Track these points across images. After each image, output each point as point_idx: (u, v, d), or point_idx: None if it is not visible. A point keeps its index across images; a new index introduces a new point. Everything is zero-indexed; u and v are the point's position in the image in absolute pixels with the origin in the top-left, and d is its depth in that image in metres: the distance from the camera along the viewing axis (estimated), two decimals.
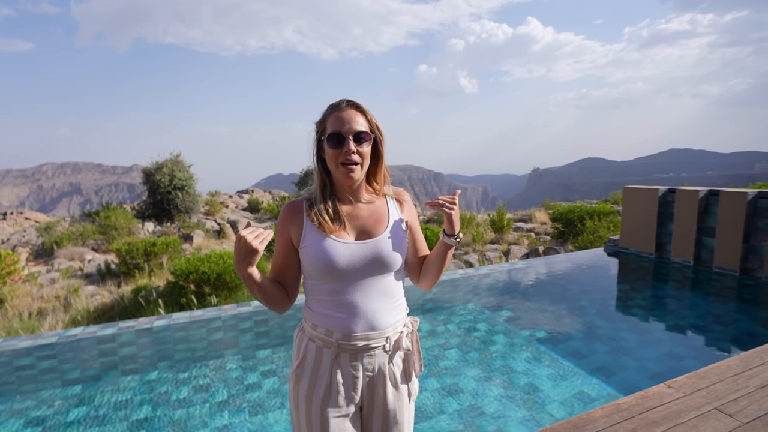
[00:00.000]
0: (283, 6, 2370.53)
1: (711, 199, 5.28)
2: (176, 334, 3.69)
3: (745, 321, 4.29)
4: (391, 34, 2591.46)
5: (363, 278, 1.21)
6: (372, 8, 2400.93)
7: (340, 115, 1.20)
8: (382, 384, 1.24)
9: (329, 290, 1.21)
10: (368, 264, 1.20)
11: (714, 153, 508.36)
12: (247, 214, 17.38)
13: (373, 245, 1.22)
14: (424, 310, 4.51)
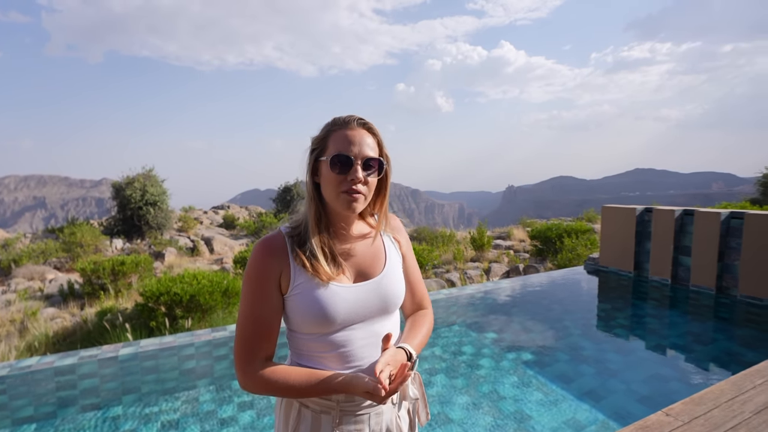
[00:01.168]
0: (264, 23, 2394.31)
1: (686, 219, 5.42)
2: (145, 364, 3.43)
3: (723, 340, 4.35)
4: (370, 53, 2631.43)
5: (364, 325, 1.04)
6: (352, 27, 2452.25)
7: (349, 135, 1.00)
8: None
9: (325, 344, 1.01)
10: (370, 308, 1.05)
11: (675, 173, 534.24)
12: (222, 231, 16.90)
13: (374, 286, 1.07)
14: None
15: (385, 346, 0.99)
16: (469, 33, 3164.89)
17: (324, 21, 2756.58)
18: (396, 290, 1.11)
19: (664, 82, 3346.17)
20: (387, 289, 1.08)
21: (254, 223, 16.06)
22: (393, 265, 1.13)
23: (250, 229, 15.70)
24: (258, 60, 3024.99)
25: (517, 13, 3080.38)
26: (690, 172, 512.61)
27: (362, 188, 1.01)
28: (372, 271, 1.09)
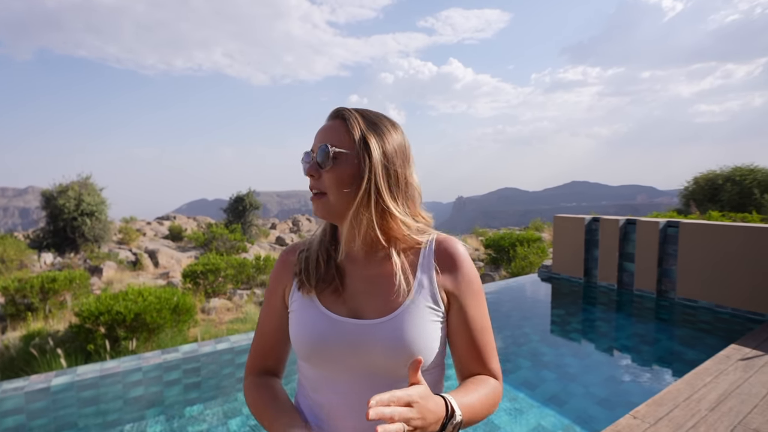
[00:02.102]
0: (213, 29, 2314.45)
1: (629, 227, 5.81)
2: (82, 394, 3.06)
3: (665, 340, 4.67)
4: (324, 64, 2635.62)
5: (357, 377, 0.80)
6: (305, 38, 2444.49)
7: (320, 129, 0.85)
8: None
9: (317, 379, 0.84)
10: (364, 357, 0.78)
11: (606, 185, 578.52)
12: (168, 243, 15.90)
13: (366, 332, 0.79)
14: None
15: (413, 380, 0.67)
16: (420, 49, 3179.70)
17: (276, 30, 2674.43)
18: (400, 347, 0.77)
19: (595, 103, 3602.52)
20: (384, 343, 0.77)
21: (203, 235, 15.25)
22: (415, 308, 0.80)
23: (199, 241, 14.88)
24: (207, 66, 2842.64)
25: (464, 32, 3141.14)
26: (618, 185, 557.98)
27: (318, 185, 0.82)
28: (366, 310, 0.82)
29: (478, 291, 0.87)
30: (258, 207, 18.53)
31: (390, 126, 0.84)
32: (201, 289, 7.76)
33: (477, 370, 0.85)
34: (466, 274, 0.85)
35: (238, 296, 7.96)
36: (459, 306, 0.84)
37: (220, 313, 7.16)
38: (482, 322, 0.86)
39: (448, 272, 0.84)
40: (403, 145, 0.85)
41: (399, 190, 0.82)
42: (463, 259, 0.85)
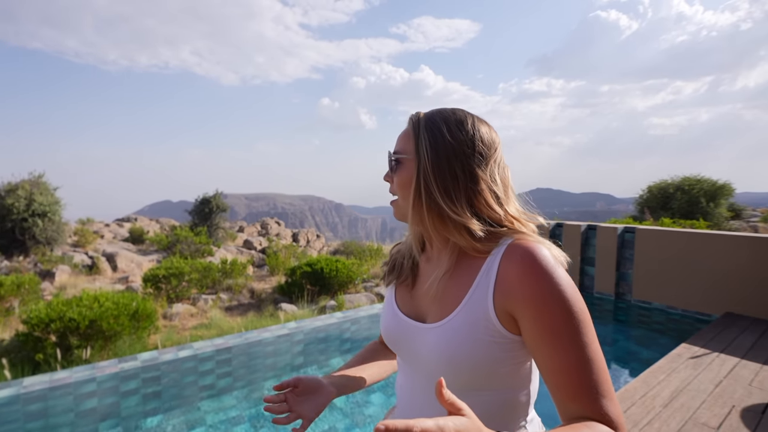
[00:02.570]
0: (181, 26, 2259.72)
1: (590, 233, 6.06)
2: (29, 408, 2.86)
3: (623, 340, 4.88)
4: (295, 66, 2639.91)
5: (407, 366, 0.85)
6: (276, 39, 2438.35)
7: None
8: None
9: (398, 362, 0.91)
10: (412, 358, 0.81)
11: (568, 192, 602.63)
12: (128, 246, 15.20)
13: (418, 335, 0.79)
14: (342, 351, 4.26)
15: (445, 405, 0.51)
16: (392, 55, 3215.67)
17: (248, 30, 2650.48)
18: (443, 357, 0.75)
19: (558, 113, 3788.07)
20: (432, 348, 0.76)
21: (167, 238, 14.68)
22: (462, 319, 0.74)
23: (162, 244, 14.30)
24: (174, 64, 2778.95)
25: (436, 41, 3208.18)
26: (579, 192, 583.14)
27: (392, 190, 0.87)
28: (428, 313, 0.81)
29: (550, 308, 0.68)
30: (225, 209, 18.05)
31: (456, 123, 0.79)
32: (163, 294, 7.46)
33: (576, 412, 0.66)
34: (527, 287, 0.70)
35: (203, 301, 7.70)
36: (524, 325, 0.71)
37: (183, 319, 6.90)
38: (561, 346, 0.67)
39: (509, 284, 0.71)
40: (469, 141, 0.77)
41: (454, 187, 0.75)
42: (532, 272, 0.70)
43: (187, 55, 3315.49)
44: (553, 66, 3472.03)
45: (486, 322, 0.72)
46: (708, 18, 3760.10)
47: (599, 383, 0.66)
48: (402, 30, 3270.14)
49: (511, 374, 0.75)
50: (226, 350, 3.47)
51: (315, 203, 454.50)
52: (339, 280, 7.52)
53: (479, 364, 0.72)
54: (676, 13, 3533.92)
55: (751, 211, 14.56)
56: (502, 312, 0.72)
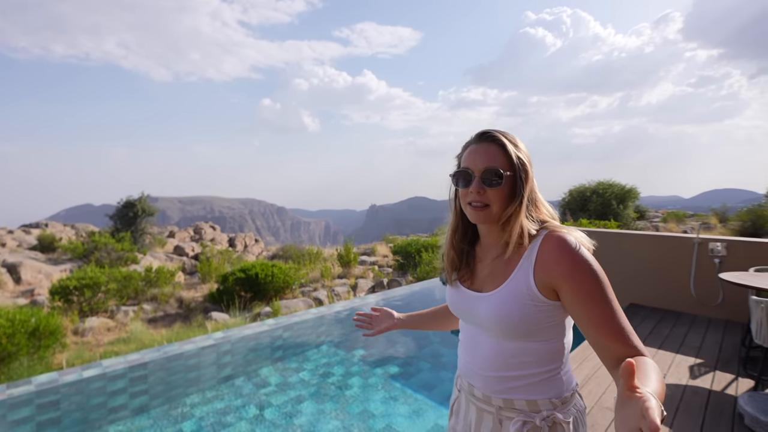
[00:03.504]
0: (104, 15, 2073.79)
1: None
2: None
3: None
4: (234, 64, 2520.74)
5: (468, 328, 1.13)
6: (213, 36, 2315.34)
7: (473, 150, 1.05)
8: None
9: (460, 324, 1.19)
10: (467, 318, 1.11)
11: None
12: (36, 255, 13.58)
13: (478, 302, 1.06)
14: (273, 360, 4.10)
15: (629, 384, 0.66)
16: (335, 58, 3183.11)
17: (181, 24, 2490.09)
18: (505, 316, 0.99)
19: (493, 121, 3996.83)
20: (491, 311, 1.02)
21: (83, 245, 13.33)
22: (512, 288, 1.00)
23: (77, 252, 12.95)
24: (96, 55, 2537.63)
25: (379, 47, 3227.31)
26: None
27: (483, 199, 1.02)
28: (486, 286, 1.07)
29: (583, 279, 0.92)
30: (152, 213, 16.80)
31: (520, 142, 1.05)
32: (75, 308, 6.73)
33: (617, 349, 0.88)
34: (563, 266, 0.94)
35: (123, 313, 7.06)
36: (563, 294, 0.95)
37: (98, 334, 6.28)
38: (596, 305, 0.91)
39: (547, 264, 0.96)
40: (529, 156, 1.05)
41: (536, 198, 1.05)
42: (563, 254, 0.94)
43: (111, 46, 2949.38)
44: (488, 76, 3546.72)
45: (528, 291, 0.97)
46: (619, 40, 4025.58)
47: (628, 327, 0.90)
48: (345, 34, 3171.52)
49: (549, 329, 1.00)
50: (141, 366, 3.19)
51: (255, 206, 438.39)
52: (275, 285, 7.27)
53: (523, 321, 0.97)
54: (592, 34, 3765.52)
55: (654, 212, 16.31)
56: (541, 284, 0.96)
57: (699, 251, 4.49)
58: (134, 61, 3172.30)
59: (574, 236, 0.97)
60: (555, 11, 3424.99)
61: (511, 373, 1.02)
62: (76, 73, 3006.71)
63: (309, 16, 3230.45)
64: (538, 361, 1.01)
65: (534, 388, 1.01)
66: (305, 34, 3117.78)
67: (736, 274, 3.16)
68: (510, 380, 1.02)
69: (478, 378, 1.07)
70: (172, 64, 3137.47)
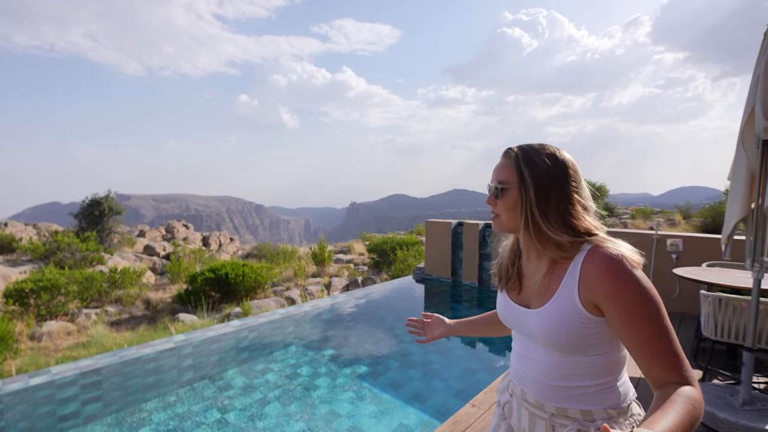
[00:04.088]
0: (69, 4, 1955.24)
1: (486, 231, 6.48)
2: None
3: None
4: (210, 59, 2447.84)
5: (517, 336, 1.15)
6: (188, 29, 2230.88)
7: (496, 166, 1.11)
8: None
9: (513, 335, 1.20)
10: (525, 332, 1.10)
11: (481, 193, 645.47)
12: None
13: (526, 317, 1.08)
14: (239, 362, 4.01)
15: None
16: (314, 55, 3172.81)
17: (153, 16, 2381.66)
18: (552, 332, 1.00)
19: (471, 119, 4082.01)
20: (538, 326, 1.03)
21: (45, 245, 12.75)
22: (558, 306, 0.99)
23: (37, 253, 12.38)
24: (62, 46, 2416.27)
25: (358, 44, 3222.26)
26: None
27: (495, 209, 1.09)
28: (532, 302, 1.08)
29: (626, 299, 0.90)
30: (120, 212, 16.22)
31: (547, 156, 1.02)
32: (32, 311, 6.42)
33: (660, 376, 0.88)
34: (606, 284, 0.92)
35: (84, 316, 6.79)
36: (607, 313, 0.93)
37: (57, 339, 6.02)
38: (639, 326, 0.89)
39: (590, 282, 0.95)
40: (561, 170, 1.01)
41: (551, 210, 0.99)
42: (605, 271, 0.93)
43: (78, 38, 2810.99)
44: (467, 75, 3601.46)
45: (574, 308, 0.96)
46: (592, 42, 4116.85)
47: (673, 351, 0.87)
48: (324, 30, 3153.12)
49: (601, 344, 0.98)
50: (95, 372, 3.06)
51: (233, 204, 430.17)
52: (246, 285, 7.13)
53: (572, 338, 0.97)
54: (567, 36, 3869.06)
55: (624, 209, 16.84)
56: (586, 301, 0.95)
57: (657, 247, 4.65)
58: (103, 54, 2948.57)
59: (620, 251, 0.94)
60: (531, 12, 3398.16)
61: (565, 383, 1.02)
62: (41, 64, 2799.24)
63: (287, 11, 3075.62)
64: (593, 374, 1.00)
65: (589, 398, 1.01)
66: (283, 29, 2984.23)
67: (689, 269, 3.28)
68: (564, 390, 1.02)
69: (531, 385, 1.07)
70: (144, 58, 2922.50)
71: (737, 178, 2.32)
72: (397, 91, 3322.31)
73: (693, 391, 0.82)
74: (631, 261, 0.93)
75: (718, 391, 2.49)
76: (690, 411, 0.78)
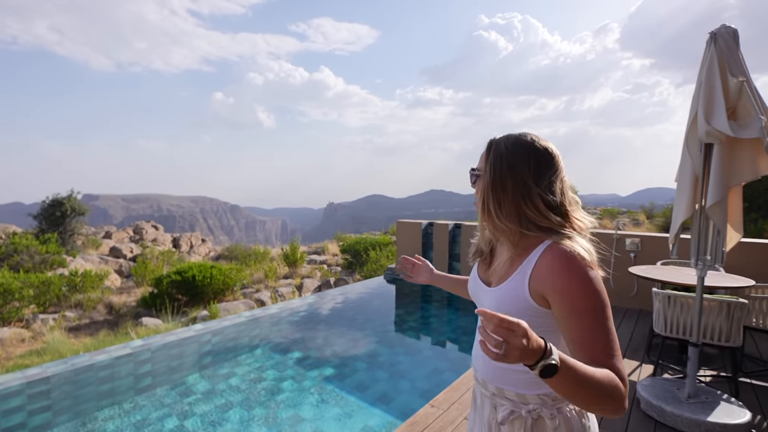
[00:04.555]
0: None
1: (456, 231, 6.55)
2: None
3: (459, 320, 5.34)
4: (183, 56, 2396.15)
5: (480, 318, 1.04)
6: (160, 24, 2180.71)
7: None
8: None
9: None
10: (483, 305, 1.12)
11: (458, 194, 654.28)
12: None
13: (484, 293, 1.14)
14: (201, 366, 3.90)
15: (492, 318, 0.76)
16: (291, 53, 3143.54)
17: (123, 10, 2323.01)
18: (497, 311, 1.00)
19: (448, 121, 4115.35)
20: (490, 304, 1.08)
21: (1, 247, 12.10)
22: (508, 291, 1.04)
23: None
24: (25, 39, 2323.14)
25: (336, 43, 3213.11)
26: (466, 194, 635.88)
27: (477, 194, 1.13)
28: (492, 280, 1.13)
29: (572, 294, 0.93)
30: (83, 213, 15.58)
31: (513, 145, 1.04)
32: None
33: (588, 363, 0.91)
34: (556, 280, 0.95)
35: (41, 322, 6.48)
36: (554, 306, 0.96)
37: (9, 346, 5.71)
38: (582, 322, 0.91)
39: (541, 274, 0.98)
40: (524, 160, 1.02)
41: (506, 199, 1.01)
42: (556, 267, 0.95)
43: (43, 30, 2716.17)
44: (444, 77, 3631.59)
45: (523, 296, 1.00)
46: (564, 47, 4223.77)
47: (610, 348, 0.90)
48: (302, 29, 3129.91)
49: (542, 334, 0.91)
50: (43, 381, 2.92)
51: (207, 205, 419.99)
52: (213, 287, 6.96)
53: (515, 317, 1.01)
54: (541, 40, 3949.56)
55: (593, 209, 17.38)
56: (534, 293, 0.99)
57: (617, 246, 4.81)
58: (70, 48, 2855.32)
59: (575, 250, 0.96)
60: (507, 16, 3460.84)
61: (504, 365, 1.04)
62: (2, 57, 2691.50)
63: (263, 9, 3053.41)
64: None
65: (524, 383, 1.04)
66: (260, 26, 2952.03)
67: (644, 267, 3.40)
68: (503, 371, 1.06)
69: (480, 363, 1.12)
70: (113, 53, 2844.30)
71: (683, 180, 2.42)
72: (375, 91, 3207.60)
73: (615, 378, 0.85)
74: (584, 259, 0.95)
75: (667, 385, 2.59)
76: (603, 380, 0.82)
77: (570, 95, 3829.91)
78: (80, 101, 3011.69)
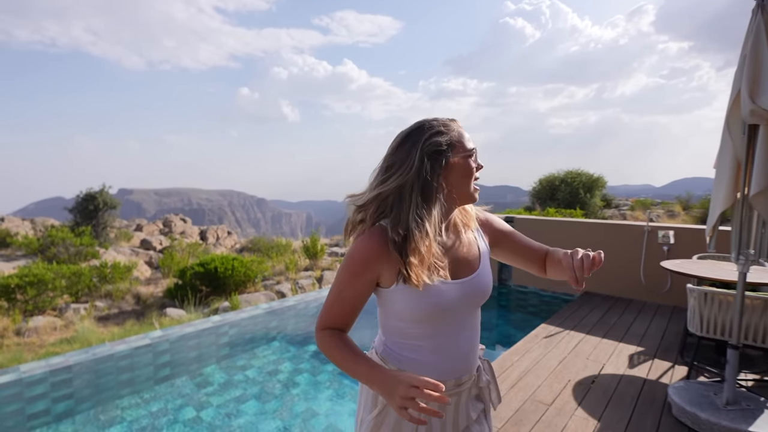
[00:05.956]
0: None
1: None
2: None
3: (503, 325, 5.19)
4: (211, 53, 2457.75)
5: (461, 319, 1.09)
6: (188, 23, 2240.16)
7: (465, 132, 1.11)
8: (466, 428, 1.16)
9: (423, 334, 1.07)
10: (469, 303, 1.09)
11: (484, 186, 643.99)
12: None
13: (474, 283, 1.09)
14: (218, 358, 3.94)
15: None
16: (315, 47, 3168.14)
17: (153, 10, 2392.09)
18: (488, 286, 1.13)
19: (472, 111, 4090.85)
20: (484, 283, 1.11)
21: (39, 240, 12.72)
22: (485, 261, 1.14)
23: (32, 247, 12.34)
24: (63, 41, 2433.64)
25: (359, 35, 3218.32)
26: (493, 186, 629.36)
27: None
28: (471, 267, 1.10)
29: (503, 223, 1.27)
30: (115, 206, 16.17)
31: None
32: (18, 307, 6.37)
33: (541, 252, 1.21)
34: (499, 221, 1.25)
35: (73, 311, 6.74)
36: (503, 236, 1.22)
37: (43, 334, 5.97)
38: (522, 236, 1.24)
39: (485, 228, 1.21)
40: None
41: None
42: (490, 215, 1.26)
43: (79, 32, 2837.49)
44: (468, 67, 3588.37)
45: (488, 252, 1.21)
46: (595, 32, 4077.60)
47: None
48: (325, 22, 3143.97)
49: None
50: (65, 370, 2.99)
51: (235, 198, 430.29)
52: (235, 279, 7.06)
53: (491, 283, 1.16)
54: (570, 26, 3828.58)
55: (624, 201, 16.69)
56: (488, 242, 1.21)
57: (649, 239, 4.53)
58: (104, 48, 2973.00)
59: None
60: (534, 1, 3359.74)
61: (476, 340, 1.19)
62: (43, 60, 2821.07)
63: (287, 3, 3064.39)
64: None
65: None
66: (284, 21, 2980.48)
67: (677, 261, 3.17)
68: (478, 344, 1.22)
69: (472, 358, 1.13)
70: (144, 52, 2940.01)
71: (722, 166, 2.21)
72: (398, 83, 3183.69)
73: None
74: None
75: (702, 389, 2.40)
76: None
77: (601, 82, 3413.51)
78: (115, 99, 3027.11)
